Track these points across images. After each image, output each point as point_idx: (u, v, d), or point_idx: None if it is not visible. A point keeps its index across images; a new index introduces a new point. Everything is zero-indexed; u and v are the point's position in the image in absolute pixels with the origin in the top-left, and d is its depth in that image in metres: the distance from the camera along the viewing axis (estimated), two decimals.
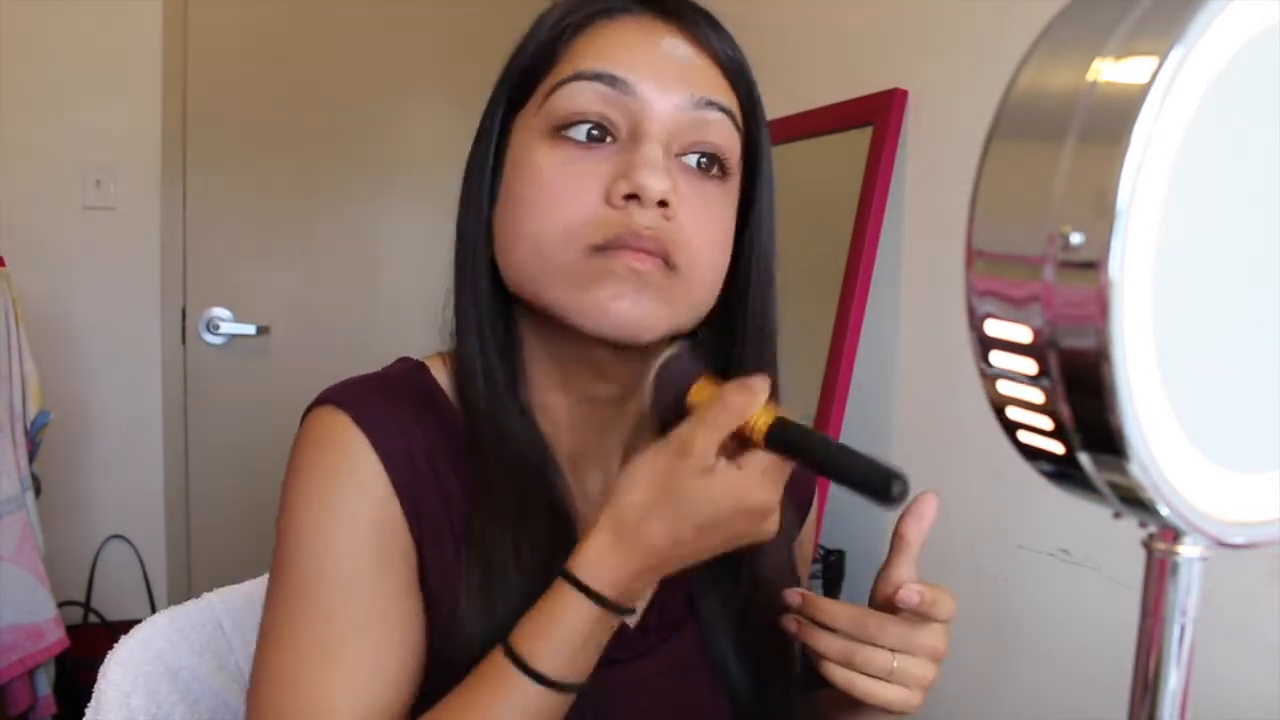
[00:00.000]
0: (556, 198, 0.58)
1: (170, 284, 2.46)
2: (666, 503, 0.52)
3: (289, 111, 2.53)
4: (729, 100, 0.62)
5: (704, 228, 0.61)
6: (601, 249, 0.58)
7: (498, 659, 0.55)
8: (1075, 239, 0.28)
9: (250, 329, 2.52)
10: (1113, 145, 0.28)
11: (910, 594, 0.58)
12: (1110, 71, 0.29)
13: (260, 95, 2.50)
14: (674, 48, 0.61)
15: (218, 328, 2.51)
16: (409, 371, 0.68)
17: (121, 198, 2.40)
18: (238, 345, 2.55)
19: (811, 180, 1.78)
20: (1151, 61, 0.28)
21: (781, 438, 0.52)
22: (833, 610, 0.59)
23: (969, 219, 0.32)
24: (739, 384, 0.53)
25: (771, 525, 0.55)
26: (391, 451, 0.61)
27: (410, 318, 2.59)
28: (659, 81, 0.59)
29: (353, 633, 0.58)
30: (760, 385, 0.53)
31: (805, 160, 1.79)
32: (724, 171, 0.62)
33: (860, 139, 1.59)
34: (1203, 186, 0.29)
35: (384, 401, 0.63)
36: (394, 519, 0.60)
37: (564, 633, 0.53)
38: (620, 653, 0.65)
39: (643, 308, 0.58)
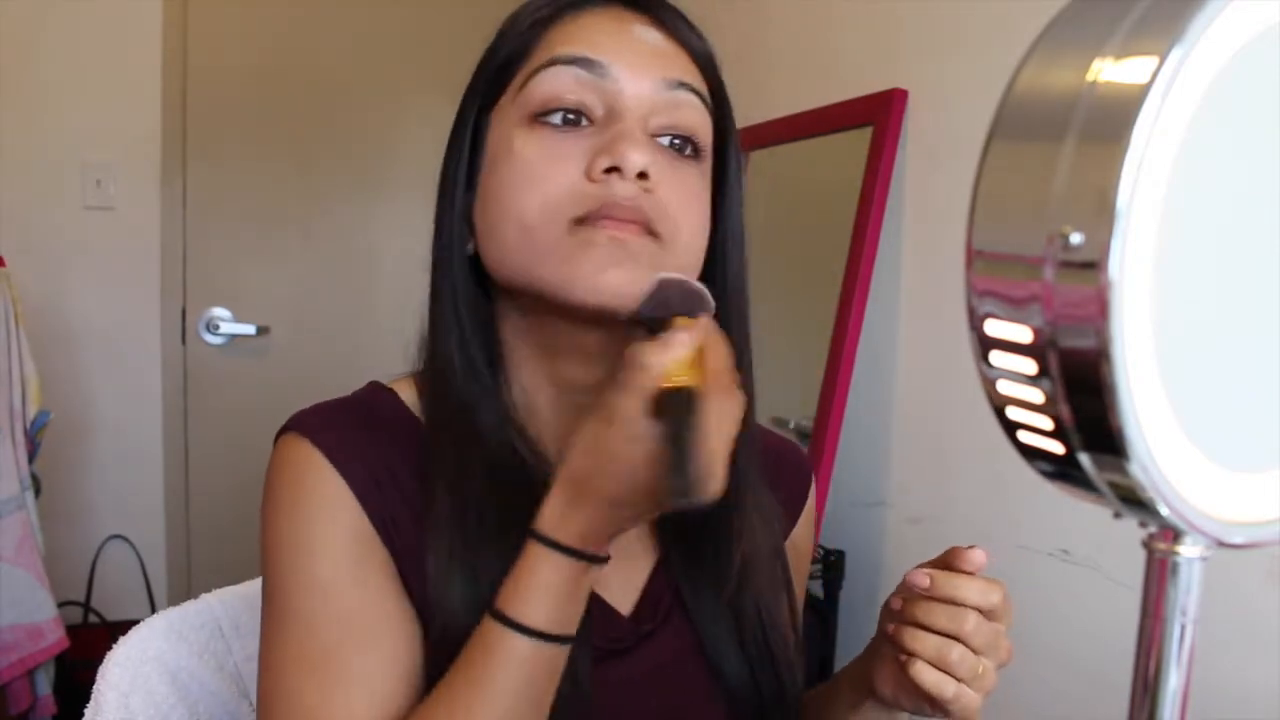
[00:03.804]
0: (537, 176, 0.60)
1: (170, 284, 2.46)
2: (602, 469, 0.53)
3: (289, 111, 2.53)
4: (700, 84, 0.64)
5: (682, 201, 0.62)
6: (583, 221, 0.59)
7: (488, 626, 0.56)
8: (1075, 239, 0.28)
9: (250, 329, 2.52)
10: (1113, 145, 0.28)
11: (919, 575, 0.60)
12: (1110, 71, 0.29)
13: (260, 95, 2.50)
14: (645, 34, 0.63)
15: (218, 328, 2.51)
16: (373, 394, 0.69)
17: (121, 198, 2.40)
18: (238, 345, 2.54)
19: (811, 180, 1.78)
20: (1151, 61, 0.28)
21: (663, 410, 0.50)
22: (930, 609, 0.60)
23: (969, 219, 0.32)
24: (652, 342, 0.52)
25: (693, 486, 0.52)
26: (352, 469, 0.62)
27: (410, 317, 2.58)
28: (633, 64, 0.61)
29: (336, 642, 0.59)
30: (674, 343, 0.52)
31: (805, 160, 1.79)
32: (697, 153, 0.64)
33: (860, 139, 1.60)
34: (1203, 186, 0.29)
35: (344, 423, 0.65)
36: (365, 532, 0.62)
37: (544, 587, 0.55)
38: (616, 643, 0.66)
39: (630, 273, 0.59)
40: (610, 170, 0.59)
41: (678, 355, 0.52)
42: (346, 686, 0.58)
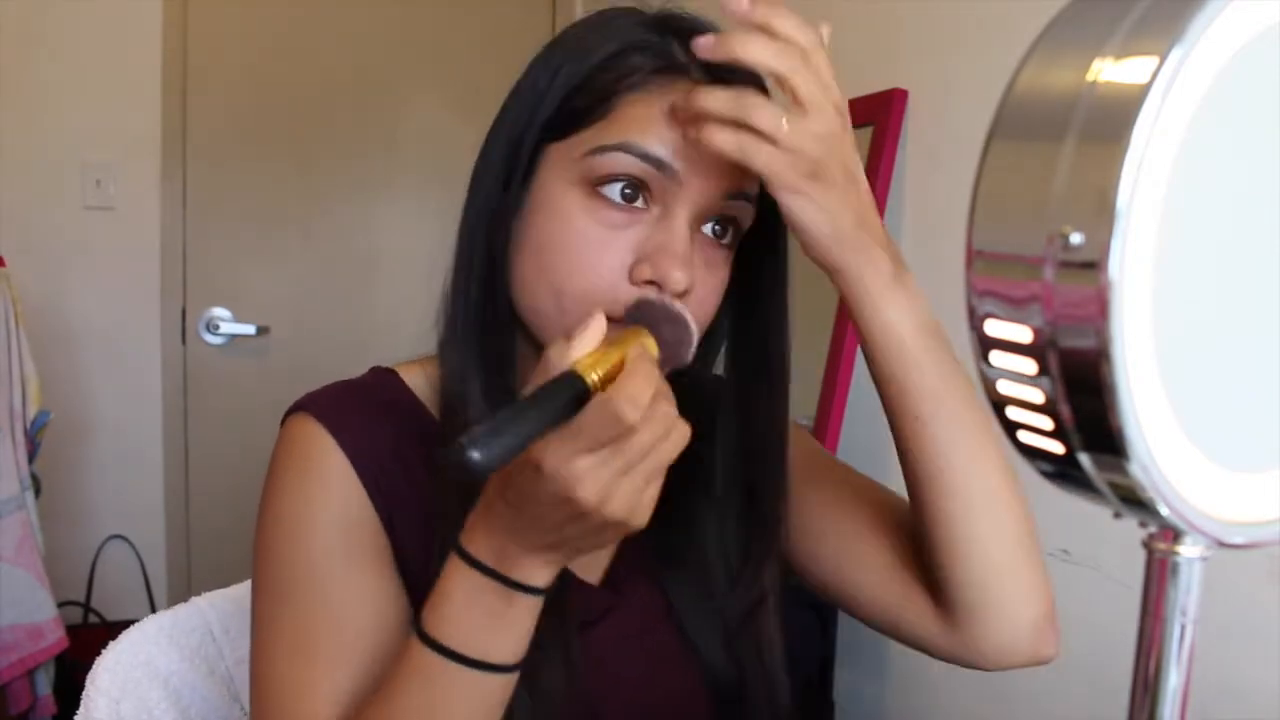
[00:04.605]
0: (584, 259, 0.59)
1: (170, 284, 2.46)
2: (506, 492, 0.50)
3: (289, 111, 2.53)
4: (756, 184, 0.62)
5: (708, 297, 0.62)
6: (617, 322, 0.58)
7: (410, 639, 0.54)
8: (1075, 239, 0.28)
9: (250, 329, 2.52)
10: (1113, 145, 0.28)
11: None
12: (1110, 71, 0.29)
13: (260, 95, 2.50)
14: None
15: (217, 328, 2.51)
16: (380, 378, 0.69)
17: (121, 198, 2.40)
18: (238, 345, 2.54)
19: None
20: (1151, 61, 0.28)
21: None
22: (749, 41, 0.54)
23: (969, 219, 0.32)
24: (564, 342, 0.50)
25: (594, 524, 0.48)
26: (361, 452, 0.62)
27: (410, 317, 2.58)
28: (702, 172, 0.59)
29: (322, 624, 0.59)
30: (580, 336, 0.50)
31: None
32: (735, 237, 0.64)
33: (860, 139, 1.60)
34: (1203, 186, 0.29)
35: (354, 406, 0.65)
36: (366, 517, 0.62)
37: (459, 603, 0.52)
38: (589, 613, 0.67)
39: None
40: (652, 281, 0.58)
41: (583, 346, 0.49)
42: (329, 669, 0.59)
